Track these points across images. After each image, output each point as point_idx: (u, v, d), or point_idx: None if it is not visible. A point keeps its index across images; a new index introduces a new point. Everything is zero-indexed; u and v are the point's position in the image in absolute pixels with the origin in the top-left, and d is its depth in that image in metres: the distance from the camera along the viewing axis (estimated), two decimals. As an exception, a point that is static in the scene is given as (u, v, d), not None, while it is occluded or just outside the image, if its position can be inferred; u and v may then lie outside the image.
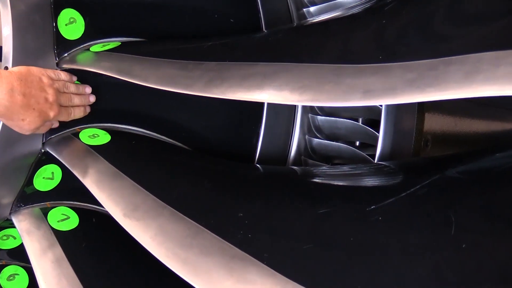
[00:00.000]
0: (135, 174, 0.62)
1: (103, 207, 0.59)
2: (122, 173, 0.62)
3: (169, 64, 0.65)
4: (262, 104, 0.86)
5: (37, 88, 0.67)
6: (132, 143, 0.75)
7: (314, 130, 0.88)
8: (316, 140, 0.86)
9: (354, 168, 0.66)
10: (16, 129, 0.68)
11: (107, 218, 0.61)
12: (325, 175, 0.67)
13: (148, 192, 0.57)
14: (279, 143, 0.88)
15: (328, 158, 0.87)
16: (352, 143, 0.86)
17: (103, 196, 0.59)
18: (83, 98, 0.76)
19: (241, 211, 0.52)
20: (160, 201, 0.55)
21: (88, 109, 0.77)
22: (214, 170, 0.71)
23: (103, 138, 0.74)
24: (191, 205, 0.55)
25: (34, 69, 0.68)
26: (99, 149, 0.70)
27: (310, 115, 0.88)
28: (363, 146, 0.86)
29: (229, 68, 0.57)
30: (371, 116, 0.80)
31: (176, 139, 0.82)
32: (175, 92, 0.70)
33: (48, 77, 0.70)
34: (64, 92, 0.74)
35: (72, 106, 0.74)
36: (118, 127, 0.78)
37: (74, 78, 0.75)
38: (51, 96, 0.69)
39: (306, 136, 0.89)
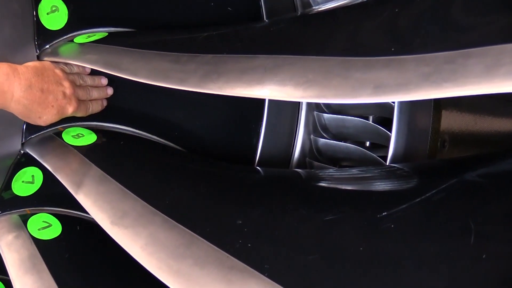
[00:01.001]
0: (123, 177, 0.62)
1: (88, 214, 0.59)
2: (109, 177, 0.62)
3: (161, 56, 0.65)
4: (262, 101, 0.86)
5: (53, 82, 0.69)
6: (120, 143, 0.75)
7: (320, 129, 0.88)
8: (322, 140, 0.86)
9: (364, 171, 0.66)
10: (31, 122, 0.71)
11: (93, 226, 0.61)
12: (332, 179, 0.67)
13: (137, 198, 0.57)
14: (282, 143, 0.89)
15: (335, 160, 0.87)
16: (361, 144, 0.86)
17: (88, 202, 0.59)
18: (100, 91, 0.78)
19: (240, 218, 0.52)
20: (151, 207, 0.55)
21: (105, 103, 0.78)
22: (210, 173, 0.71)
23: (88, 138, 0.74)
24: (185, 212, 0.55)
25: (47, 63, 0.69)
26: (84, 150, 0.70)
27: (315, 112, 0.88)
28: (373, 147, 0.86)
29: (226, 61, 0.57)
30: (382, 114, 0.80)
31: (168, 139, 0.82)
32: (167, 87, 0.70)
33: (62, 70, 0.71)
34: (81, 85, 0.76)
35: (90, 100, 0.75)
36: (104, 126, 0.78)
37: (88, 70, 0.76)
38: (68, 89, 0.71)
39: (311, 136, 0.89)
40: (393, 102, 0.67)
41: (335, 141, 0.84)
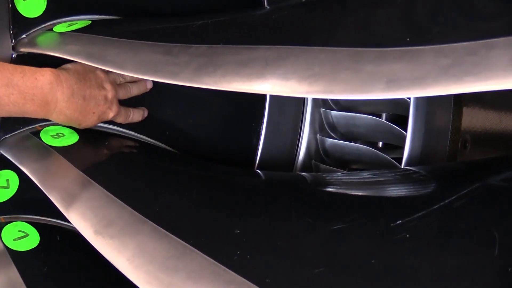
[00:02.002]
0: (108, 182, 0.62)
1: (69, 222, 0.59)
2: (92, 181, 0.62)
3: (150, 47, 0.65)
4: (263, 96, 0.86)
5: (95, 86, 0.71)
6: (105, 144, 0.75)
7: (327, 128, 0.88)
8: (329, 140, 0.86)
9: (376, 174, 0.66)
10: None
11: (75, 236, 0.61)
12: (341, 183, 0.67)
13: (124, 204, 0.57)
14: (285, 144, 0.89)
15: (345, 162, 0.87)
16: (373, 144, 0.87)
17: (69, 209, 0.59)
18: (140, 86, 0.80)
19: (238, 227, 0.52)
20: (139, 214, 0.55)
21: (146, 113, 0.81)
22: (205, 178, 0.71)
23: (70, 138, 0.74)
24: (177, 220, 0.55)
25: (87, 64, 0.70)
26: (65, 151, 0.70)
27: (322, 109, 0.88)
28: (387, 148, 0.86)
29: (223, 53, 0.57)
30: (397, 111, 0.80)
31: (158, 139, 0.82)
32: (157, 82, 0.70)
33: (102, 70, 0.72)
34: (120, 83, 0.77)
35: (132, 108, 0.78)
36: (87, 124, 0.78)
37: None
38: (110, 92, 0.73)
39: (318, 136, 0.89)
40: (409, 98, 0.67)
41: (344, 141, 0.85)
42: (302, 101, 0.89)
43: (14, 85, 0.63)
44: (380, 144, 0.88)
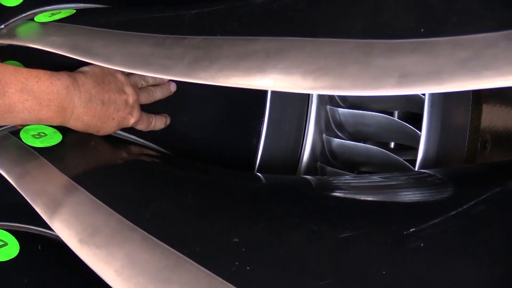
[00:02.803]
0: (95, 186, 0.62)
1: (52, 230, 0.59)
2: (77, 185, 0.62)
3: (140, 39, 0.65)
4: (264, 93, 0.87)
5: (115, 90, 0.72)
6: (91, 144, 0.76)
7: (334, 127, 0.88)
8: (336, 140, 0.86)
9: (388, 178, 0.66)
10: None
11: (58, 245, 0.61)
12: (349, 187, 0.67)
13: (112, 210, 0.57)
14: (287, 144, 0.89)
15: (353, 164, 0.87)
16: (385, 145, 0.87)
17: (52, 216, 0.59)
18: (164, 89, 0.81)
19: (236, 236, 0.52)
20: (128, 221, 0.55)
21: (168, 121, 0.82)
22: (200, 181, 0.71)
23: (52, 137, 0.74)
24: (169, 228, 0.55)
25: (105, 67, 0.71)
26: (47, 153, 0.70)
27: (328, 107, 0.88)
28: (399, 149, 0.86)
29: (220, 45, 0.57)
30: (410, 109, 0.80)
31: (149, 139, 0.82)
32: (148, 76, 0.70)
33: (122, 72, 0.73)
34: (142, 87, 0.79)
35: (154, 115, 0.80)
36: (72, 123, 0.78)
37: None
38: (131, 97, 0.74)
39: (324, 135, 0.89)
40: (423, 95, 0.67)
41: (352, 142, 0.85)
42: (306, 97, 0.89)
43: (29, 91, 0.64)
44: (392, 144, 0.88)
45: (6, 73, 0.63)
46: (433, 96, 0.66)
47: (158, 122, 0.81)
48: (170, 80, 0.81)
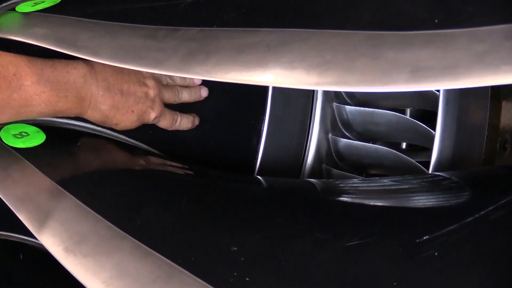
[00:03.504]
0: (81, 190, 0.62)
1: (35, 238, 0.59)
2: (62, 189, 0.62)
3: (131, 30, 0.65)
4: (265, 89, 0.87)
5: (135, 81, 0.73)
6: (77, 145, 0.76)
7: (340, 126, 0.88)
8: (343, 140, 0.87)
9: (399, 181, 0.66)
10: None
11: (42, 254, 0.61)
12: (357, 191, 0.67)
13: (100, 217, 0.57)
14: (290, 145, 0.89)
15: (361, 166, 0.87)
16: (396, 145, 0.87)
17: (35, 222, 0.59)
18: (192, 92, 0.82)
19: (234, 244, 0.52)
20: (117, 229, 0.55)
21: (197, 121, 0.83)
22: (195, 185, 0.71)
23: (35, 137, 0.74)
24: (162, 235, 0.55)
25: None
26: (29, 154, 0.70)
27: (335, 104, 0.88)
28: (412, 150, 0.86)
29: (217, 37, 0.57)
30: (423, 106, 0.80)
31: (139, 139, 0.82)
32: (139, 71, 0.70)
33: None
34: (168, 85, 0.80)
35: (180, 114, 0.80)
36: (56, 121, 0.79)
37: None
38: (152, 90, 0.75)
39: (330, 135, 0.89)
40: (438, 91, 0.67)
41: (360, 142, 0.85)
42: (310, 94, 0.89)
43: (45, 82, 0.65)
44: (404, 145, 0.88)
45: (21, 64, 0.64)
46: (448, 92, 0.66)
47: (184, 121, 0.81)
48: (202, 84, 0.83)
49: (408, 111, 0.84)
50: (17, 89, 0.63)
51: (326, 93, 0.89)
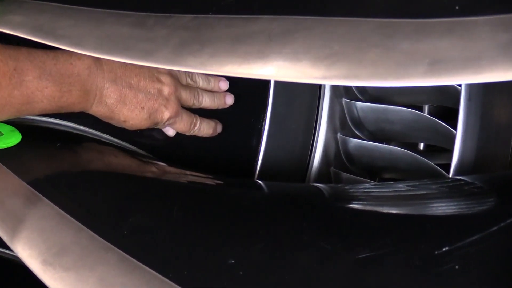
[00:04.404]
0: (61, 196, 0.62)
1: (9, 249, 0.59)
2: (40, 195, 0.62)
3: (117, 18, 0.65)
4: (266, 83, 0.87)
5: (147, 76, 0.73)
6: (57, 145, 0.76)
7: (351, 124, 0.88)
8: (354, 140, 0.87)
9: (416, 186, 0.66)
10: (114, 124, 0.76)
11: (17, 268, 0.61)
12: (369, 198, 0.67)
13: (82, 225, 0.57)
14: (294, 145, 0.89)
15: (374, 169, 0.87)
16: (412, 146, 0.87)
17: (9, 232, 0.59)
18: (216, 98, 0.82)
19: (232, 256, 0.52)
20: (101, 239, 0.55)
21: (219, 129, 0.84)
22: (189, 190, 0.71)
23: (9, 137, 0.74)
24: (151, 246, 0.55)
25: None
26: (3, 156, 0.70)
27: (344, 100, 0.88)
28: (430, 151, 0.86)
29: (213, 25, 0.57)
30: (443, 103, 0.80)
31: (127, 139, 0.82)
32: (126, 64, 0.70)
33: None
34: (188, 85, 0.80)
35: (201, 117, 0.80)
36: (34, 119, 0.79)
37: None
38: (167, 87, 0.75)
39: (338, 135, 0.89)
40: (459, 85, 0.67)
41: (373, 142, 0.85)
42: (317, 89, 0.89)
43: (48, 76, 0.65)
44: (421, 146, 0.88)
45: (21, 58, 0.64)
46: (470, 87, 0.66)
47: (205, 126, 0.82)
48: (227, 91, 0.84)
49: (426, 108, 0.84)
50: (18, 85, 0.64)
51: (334, 88, 0.89)
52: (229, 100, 0.84)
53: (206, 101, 0.82)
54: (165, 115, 0.76)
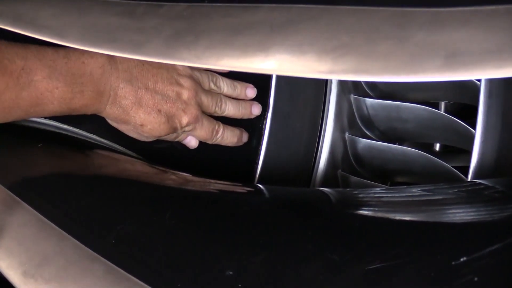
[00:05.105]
0: (42, 201, 0.62)
1: (-14, 260, 0.59)
2: (20, 200, 0.62)
3: (103, 6, 0.65)
4: (267, 78, 0.87)
5: (165, 78, 0.74)
6: (38, 146, 0.76)
7: (360, 123, 0.89)
8: (363, 141, 0.87)
9: (431, 190, 0.66)
10: (135, 135, 0.77)
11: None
12: (380, 204, 0.67)
13: (65, 234, 0.57)
14: (298, 146, 0.89)
15: (385, 173, 0.87)
16: (427, 147, 0.87)
17: (-14, 241, 0.59)
18: (241, 106, 0.83)
19: (230, 267, 0.52)
20: (86, 248, 0.55)
21: (245, 138, 0.84)
22: (182, 195, 0.71)
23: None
24: (141, 256, 0.55)
25: None
26: (-21, 158, 0.70)
27: (353, 96, 0.88)
28: (446, 152, 0.86)
29: (209, 14, 0.57)
30: (461, 99, 0.81)
31: (113, 139, 0.82)
32: (113, 56, 0.70)
33: None
34: (211, 90, 0.80)
35: (225, 125, 0.82)
36: (12, 118, 0.78)
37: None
38: (187, 91, 0.75)
39: (346, 134, 0.90)
40: (478, 81, 0.67)
41: (384, 143, 0.85)
42: (323, 84, 0.89)
43: (58, 75, 0.66)
44: (437, 146, 0.88)
45: (29, 56, 0.64)
46: (491, 82, 0.66)
47: (228, 134, 0.82)
48: (254, 99, 0.84)
49: (442, 105, 0.84)
50: (26, 86, 0.64)
51: (342, 83, 0.89)
52: (256, 110, 0.85)
53: (230, 109, 0.82)
54: (184, 120, 0.76)
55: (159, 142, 0.84)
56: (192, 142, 0.82)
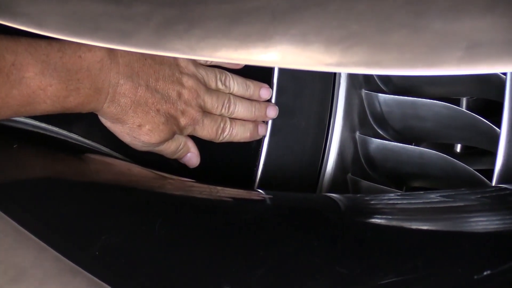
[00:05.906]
0: (17, 208, 0.62)
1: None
2: (-6, 207, 0.62)
3: (87, -8, 0.66)
4: (269, 71, 0.87)
5: (168, 75, 0.74)
6: (14, 147, 0.76)
7: (372, 121, 0.89)
8: (376, 141, 0.87)
9: (452, 196, 0.66)
10: (128, 139, 0.76)
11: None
12: (395, 211, 0.67)
13: (44, 244, 0.57)
14: (303, 147, 0.89)
15: (400, 176, 0.87)
16: (447, 148, 0.87)
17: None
18: (254, 108, 0.83)
19: (227, 282, 0.52)
20: (67, 260, 0.55)
21: (262, 131, 0.85)
22: (174, 202, 0.71)
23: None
24: (127, 270, 0.55)
25: None
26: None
27: (364, 91, 0.88)
28: (468, 154, 0.86)
29: (204, 0, 0.57)
30: (484, 95, 0.81)
31: (98, 140, 0.82)
32: (98, 47, 0.70)
33: (189, 59, 0.76)
34: (218, 90, 0.81)
35: (231, 119, 0.82)
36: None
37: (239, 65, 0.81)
38: (188, 91, 0.76)
39: (357, 134, 0.90)
40: (504, 74, 0.67)
41: (399, 143, 0.85)
42: (331, 78, 0.89)
43: (52, 71, 0.65)
44: (458, 147, 0.88)
45: (20, 50, 0.64)
46: (518, 76, 0.66)
47: (239, 130, 0.83)
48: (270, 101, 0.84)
49: (463, 101, 0.84)
50: (16, 83, 0.64)
51: (352, 77, 0.89)
52: (272, 112, 0.85)
53: (240, 111, 0.82)
54: (181, 122, 0.77)
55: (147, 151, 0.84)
56: (192, 160, 0.83)
